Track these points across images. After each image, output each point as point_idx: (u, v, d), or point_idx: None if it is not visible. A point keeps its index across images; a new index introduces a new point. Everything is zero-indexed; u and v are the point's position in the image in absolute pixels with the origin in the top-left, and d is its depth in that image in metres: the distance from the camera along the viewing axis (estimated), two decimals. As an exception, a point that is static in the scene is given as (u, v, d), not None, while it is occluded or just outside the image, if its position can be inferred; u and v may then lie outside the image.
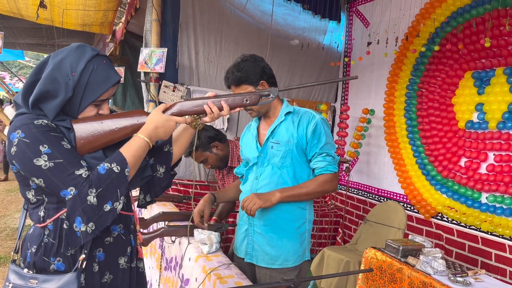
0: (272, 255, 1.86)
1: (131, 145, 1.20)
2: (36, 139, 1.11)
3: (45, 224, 1.19)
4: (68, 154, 1.13)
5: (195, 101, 1.29)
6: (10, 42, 7.21)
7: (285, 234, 1.87)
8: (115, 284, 1.28)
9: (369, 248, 2.61)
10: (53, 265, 1.17)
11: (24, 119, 1.15)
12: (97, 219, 1.11)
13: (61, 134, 1.16)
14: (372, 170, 4.34)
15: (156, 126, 1.23)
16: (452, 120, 3.45)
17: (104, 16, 4.96)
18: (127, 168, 1.16)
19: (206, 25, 3.95)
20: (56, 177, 1.10)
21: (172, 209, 2.86)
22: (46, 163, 1.10)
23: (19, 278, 1.16)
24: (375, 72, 4.31)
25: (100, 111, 1.25)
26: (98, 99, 1.21)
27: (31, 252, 1.18)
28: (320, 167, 1.85)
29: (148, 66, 3.57)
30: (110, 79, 1.21)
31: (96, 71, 1.19)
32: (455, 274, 2.14)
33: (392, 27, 3.92)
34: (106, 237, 1.25)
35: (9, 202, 6.47)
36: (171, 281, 2.31)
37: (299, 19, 4.50)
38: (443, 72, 3.53)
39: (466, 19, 3.28)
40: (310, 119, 1.86)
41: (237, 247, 2.01)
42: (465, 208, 3.26)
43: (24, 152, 1.11)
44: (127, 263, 1.32)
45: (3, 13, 4.91)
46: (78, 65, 1.17)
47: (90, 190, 1.10)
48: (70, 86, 1.16)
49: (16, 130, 1.13)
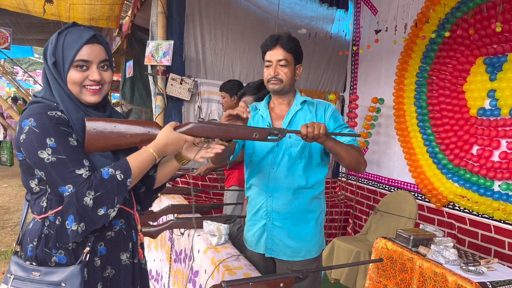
0: (294, 248, 1.82)
1: (139, 156, 1.21)
2: (45, 130, 1.12)
3: (46, 215, 1.19)
4: (72, 151, 1.14)
5: (208, 125, 1.31)
6: (19, 38, 7.26)
7: (306, 225, 1.83)
8: (117, 280, 1.28)
9: (380, 238, 2.59)
10: (55, 257, 1.17)
11: (38, 108, 1.17)
12: (89, 221, 1.12)
13: (71, 130, 1.17)
14: (382, 159, 4.30)
15: (167, 143, 1.24)
16: (463, 108, 3.39)
17: (111, 10, 4.96)
18: (129, 178, 1.17)
19: (212, 16, 3.93)
20: (57, 172, 1.11)
21: (181, 202, 2.87)
22: (49, 157, 1.11)
23: (21, 269, 1.16)
24: (384, 60, 4.25)
25: (89, 77, 1.23)
26: (76, 59, 1.21)
27: (32, 246, 1.18)
28: (347, 140, 1.75)
29: (155, 59, 3.56)
30: (83, 36, 1.21)
31: (71, 33, 1.22)
32: (467, 263, 2.11)
33: (401, 14, 3.85)
34: (107, 231, 1.25)
35: (22, 197, 6.56)
36: (181, 273, 2.33)
37: (306, 8, 4.45)
38: (454, 59, 3.46)
39: (477, 3, 3.20)
40: (326, 106, 1.85)
41: (253, 243, 1.90)
42: (478, 197, 3.22)
43: (31, 141, 1.12)
44: (130, 259, 1.32)
45: (11, 9, 4.94)
46: (54, 35, 1.23)
47: (89, 191, 1.11)
48: (51, 52, 1.21)
49: (29, 117, 1.14)
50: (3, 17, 5.39)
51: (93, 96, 1.26)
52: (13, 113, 4.06)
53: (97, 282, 1.22)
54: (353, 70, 4.79)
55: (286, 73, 1.78)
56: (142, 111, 6.21)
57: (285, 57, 1.76)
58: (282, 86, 1.79)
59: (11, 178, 8.01)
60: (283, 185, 1.80)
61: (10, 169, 8.97)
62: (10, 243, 4.40)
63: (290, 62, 1.78)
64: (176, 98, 3.74)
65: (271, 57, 1.78)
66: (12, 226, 5.01)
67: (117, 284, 1.28)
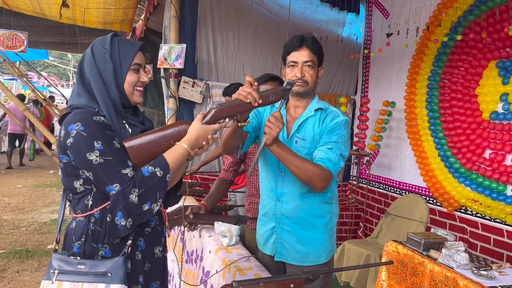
0: (303, 253, 1.80)
1: (174, 153, 1.29)
2: (93, 134, 1.20)
3: (91, 213, 1.26)
4: (117, 153, 1.23)
5: (228, 104, 1.39)
6: (34, 41, 7.40)
7: (315, 230, 1.81)
8: (152, 272, 1.38)
9: (390, 241, 2.59)
10: (102, 251, 1.25)
11: (83, 113, 1.24)
12: (135, 216, 1.20)
13: (114, 133, 1.26)
14: (393, 163, 4.28)
15: (197, 136, 1.32)
16: (476, 111, 3.37)
17: (124, 14, 5.04)
18: (168, 174, 1.25)
19: (224, 20, 3.97)
20: (104, 173, 1.20)
21: (192, 203, 2.90)
22: (97, 158, 1.19)
23: (66, 264, 1.22)
24: (395, 63, 4.24)
25: (140, 78, 1.37)
26: (133, 63, 1.34)
27: (80, 243, 1.25)
28: (320, 156, 1.67)
29: (168, 62, 3.61)
30: (135, 44, 1.37)
31: (121, 42, 1.35)
32: (479, 268, 2.11)
33: (413, 17, 3.85)
34: (146, 227, 1.35)
35: (36, 197, 6.68)
36: (192, 273, 2.35)
37: (317, 12, 4.47)
38: (466, 62, 3.44)
39: (490, 7, 3.19)
40: (333, 117, 1.77)
41: (261, 243, 1.91)
42: (490, 201, 3.19)
43: (79, 144, 1.20)
44: (162, 252, 1.42)
45: (27, 12, 5.05)
46: (105, 42, 1.33)
47: (133, 189, 1.19)
48: (107, 58, 1.31)
49: (76, 122, 1.21)
50: (19, 20, 5.51)
51: (140, 97, 1.39)
52: (29, 115, 4.14)
53: (139, 275, 1.31)
54: (364, 73, 4.79)
55: (312, 75, 1.75)
56: (154, 114, 6.28)
57: (311, 58, 1.74)
58: (307, 88, 1.76)
59: (26, 179, 8.15)
60: (291, 190, 1.78)
61: (25, 170, 9.13)
62: (25, 243, 4.49)
63: (315, 64, 1.76)
64: (188, 100, 3.78)
65: (298, 58, 1.74)
66: (26, 226, 5.10)
67: (152, 276, 1.38)
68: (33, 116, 4.22)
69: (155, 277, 1.40)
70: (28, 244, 4.44)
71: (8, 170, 8.98)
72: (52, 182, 8.01)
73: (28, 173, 8.87)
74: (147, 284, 1.36)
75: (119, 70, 1.32)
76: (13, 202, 6.26)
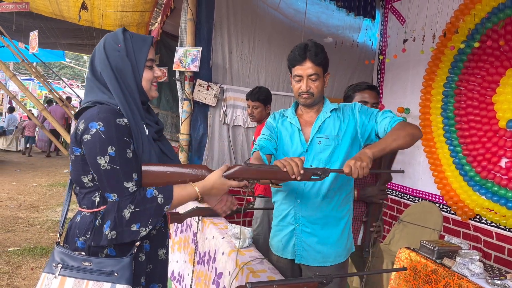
0: (324, 253, 1.81)
1: (183, 190, 1.28)
2: (110, 138, 1.19)
3: (98, 210, 1.26)
4: (126, 163, 1.22)
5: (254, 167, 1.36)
6: (52, 42, 7.52)
7: (335, 230, 1.82)
8: (154, 274, 1.37)
9: (403, 248, 2.57)
10: (107, 250, 1.25)
11: (108, 112, 1.22)
12: (120, 232, 1.18)
13: (131, 140, 1.24)
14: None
15: (213, 186, 1.31)
16: (492, 119, 3.33)
17: (141, 17, 5.11)
18: (168, 205, 1.25)
19: (240, 24, 4.00)
20: (108, 180, 1.20)
21: (205, 205, 2.92)
22: (105, 164, 1.19)
23: (70, 259, 1.21)
24: (410, 70, 4.22)
25: (155, 74, 1.37)
26: (148, 58, 1.34)
27: (84, 239, 1.24)
28: (387, 122, 1.69)
29: (183, 65, 3.64)
30: (146, 39, 1.36)
31: (133, 38, 1.34)
32: (493, 277, 2.08)
33: (429, 24, 3.83)
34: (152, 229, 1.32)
35: (50, 196, 6.78)
36: (204, 274, 2.37)
37: (332, 17, 4.47)
38: (483, 70, 3.41)
39: (508, 14, 3.16)
40: (352, 107, 1.85)
41: (280, 248, 1.90)
42: (505, 210, 3.15)
43: (94, 144, 1.19)
44: (165, 255, 1.42)
45: (46, 14, 5.15)
46: (118, 39, 1.31)
47: (130, 205, 1.19)
48: (124, 54, 1.29)
49: (98, 121, 1.20)
50: (38, 21, 5.61)
51: (156, 91, 1.40)
52: (48, 115, 4.22)
53: (141, 276, 1.31)
54: (379, 79, 4.77)
55: (317, 86, 1.78)
56: (168, 116, 6.34)
57: (315, 71, 1.75)
58: (313, 100, 1.81)
59: (41, 178, 8.29)
60: (311, 190, 1.79)
61: (40, 169, 9.28)
62: (39, 240, 4.56)
63: (320, 75, 1.78)
64: (202, 103, 3.81)
65: (302, 72, 1.76)
66: (41, 224, 5.18)
67: (153, 278, 1.37)
68: (50, 115, 4.30)
69: (156, 279, 1.39)
70: (43, 242, 4.51)
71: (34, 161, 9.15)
72: (66, 181, 8.09)
73: (42, 172, 9.01)
74: (147, 285, 1.35)
75: (136, 68, 1.32)
76: (28, 200, 6.37)
